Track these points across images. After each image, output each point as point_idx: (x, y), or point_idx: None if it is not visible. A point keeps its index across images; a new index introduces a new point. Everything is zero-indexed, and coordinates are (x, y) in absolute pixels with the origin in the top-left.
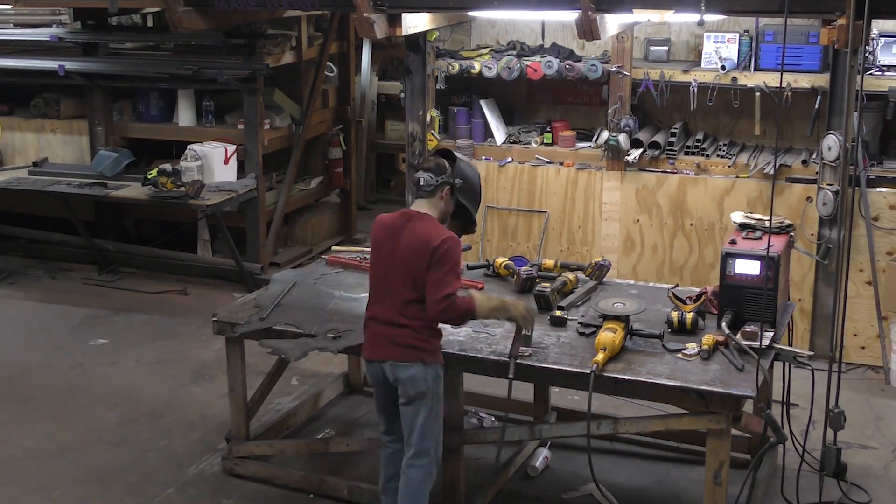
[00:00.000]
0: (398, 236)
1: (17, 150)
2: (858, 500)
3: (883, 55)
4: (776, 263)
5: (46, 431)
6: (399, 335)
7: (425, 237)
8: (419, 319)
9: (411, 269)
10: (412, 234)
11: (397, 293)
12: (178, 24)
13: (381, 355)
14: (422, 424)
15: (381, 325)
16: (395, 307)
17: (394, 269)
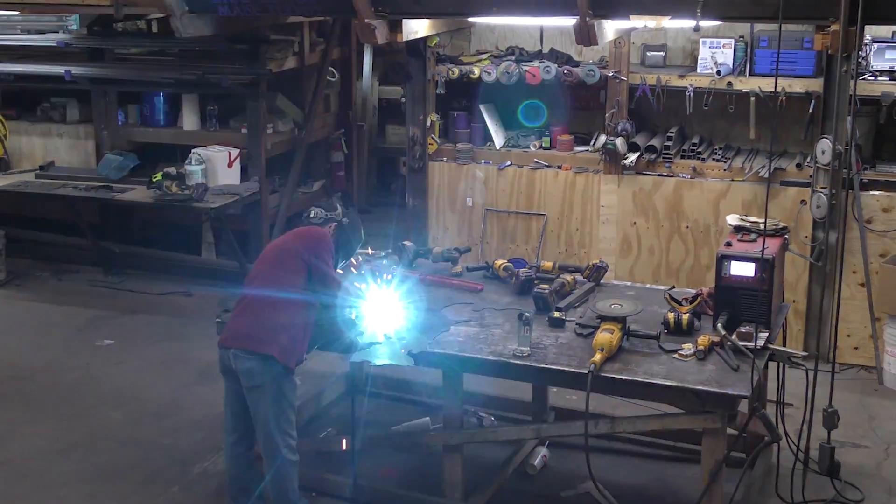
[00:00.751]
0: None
1: (24, 154)
2: (852, 498)
3: (876, 60)
4: (771, 265)
5: (53, 431)
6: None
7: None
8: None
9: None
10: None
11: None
12: (182, 31)
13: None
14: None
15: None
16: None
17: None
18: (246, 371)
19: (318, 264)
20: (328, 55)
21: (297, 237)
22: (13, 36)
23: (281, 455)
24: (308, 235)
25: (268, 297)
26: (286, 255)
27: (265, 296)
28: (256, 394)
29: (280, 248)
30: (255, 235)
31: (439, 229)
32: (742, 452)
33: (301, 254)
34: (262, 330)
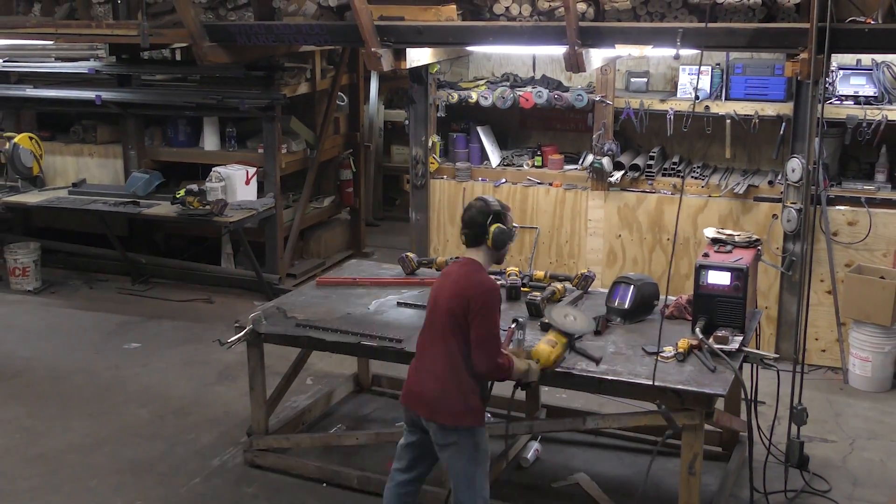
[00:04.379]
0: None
1: (58, 172)
2: (819, 488)
3: (841, 86)
4: (745, 274)
5: (85, 427)
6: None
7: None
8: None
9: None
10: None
11: (443, 343)
12: (203, 58)
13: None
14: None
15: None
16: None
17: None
18: (439, 432)
19: (473, 332)
20: (338, 81)
21: (454, 285)
22: (48, 64)
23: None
24: (468, 289)
25: (453, 368)
26: (455, 319)
27: (448, 364)
28: (450, 451)
29: (443, 298)
30: (270, 247)
31: (440, 241)
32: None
33: (461, 318)
34: (451, 400)
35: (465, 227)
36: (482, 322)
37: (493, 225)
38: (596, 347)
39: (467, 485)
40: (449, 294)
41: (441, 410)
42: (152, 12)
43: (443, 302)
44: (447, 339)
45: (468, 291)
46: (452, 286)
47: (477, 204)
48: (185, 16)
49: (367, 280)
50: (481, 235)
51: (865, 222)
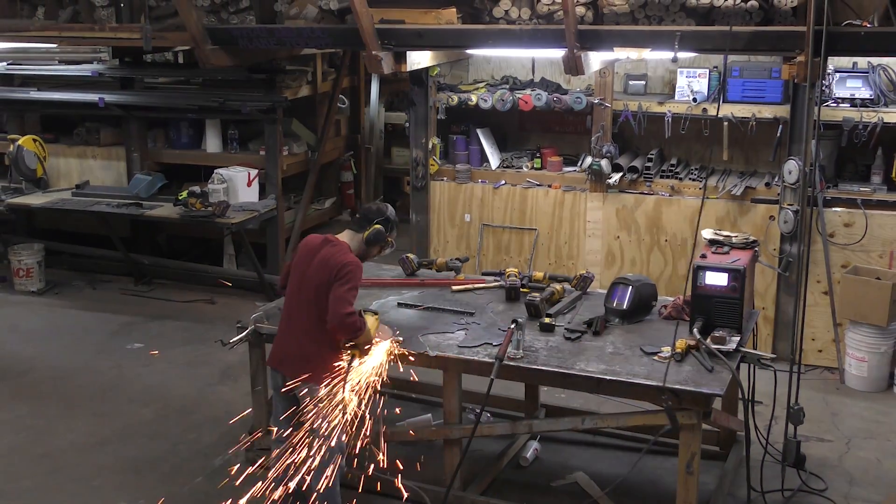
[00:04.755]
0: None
1: (61, 174)
2: (816, 487)
3: (838, 89)
4: (742, 275)
5: (88, 426)
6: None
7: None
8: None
9: (317, 286)
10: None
11: (306, 311)
12: (206, 61)
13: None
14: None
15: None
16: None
17: (304, 287)
18: (303, 389)
19: (333, 291)
20: (339, 84)
21: (324, 266)
22: (52, 67)
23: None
24: (333, 260)
25: (313, 329)
26: (319, 289)
27: (310, 326)
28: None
29: (310, 272)
30: (272, 248)
31: (440, 242)
32: (716, 446)
33: (326, 285)
34: (314, 361)
35: (358, 213)
36: (341, 285)
37: (376, 224)
38: (595, 348)
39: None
40: (318, 267)
41: (304, 369)
42: (155, 16)
43: (312, 273)
44: (311, 306)
45: (337, 263)
46: (323, 260)
47: (380, 204)
48: (188, 19)
49: (367, 281)
50: (365, 226)
51: (861, 224)
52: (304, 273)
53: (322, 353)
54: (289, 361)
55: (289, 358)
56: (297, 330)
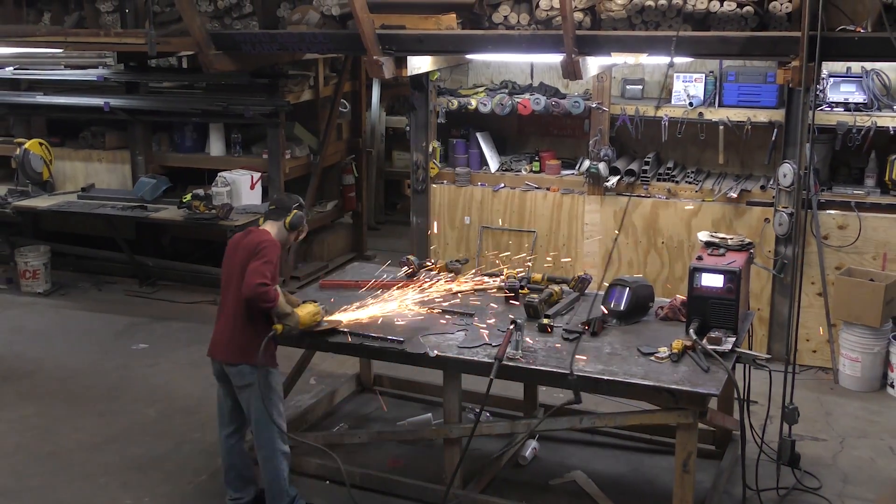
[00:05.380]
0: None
1: (67, 177)
2: (810, 486)
3: (832, 93)
4: (738, 277)
5: (94, 425)
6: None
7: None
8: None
9: (240, 271)
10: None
11: (234, 296)
12: (209, 66)
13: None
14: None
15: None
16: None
17: (231, 276)
18: (236, 374)
19: (252, 262)
20: (340, 88)
21: (249, 250)
22: (58, 71)
23: (274, 444)
24: (252, 242)
25: (238, 310)
26: (243, 268)
27: (236, 308)
28: (248, 391)
29: (235, 261)
30: None
31: (440, 244)
32: (712, 445)
33: (246, 262)
34: (240, 340)
35: (272, 204)
36: (255, 259)
37: (294, 209)
38: (593, 348)
39: (266, 423)
40: (242, 254)
41: (235, 351)
42: (159, 21)
43: (237, 260)
44: (237, 290)
45: (254, 242)
46: (245, 247)
47: (290, 194)
48: (192, 25)
49: (367, 282)
50: (283, 214)
51: (855, 226)
52: (230, 264)
53: (248, 334)
54: (221, 346)
55: (221, 343)
56: (227, 316)
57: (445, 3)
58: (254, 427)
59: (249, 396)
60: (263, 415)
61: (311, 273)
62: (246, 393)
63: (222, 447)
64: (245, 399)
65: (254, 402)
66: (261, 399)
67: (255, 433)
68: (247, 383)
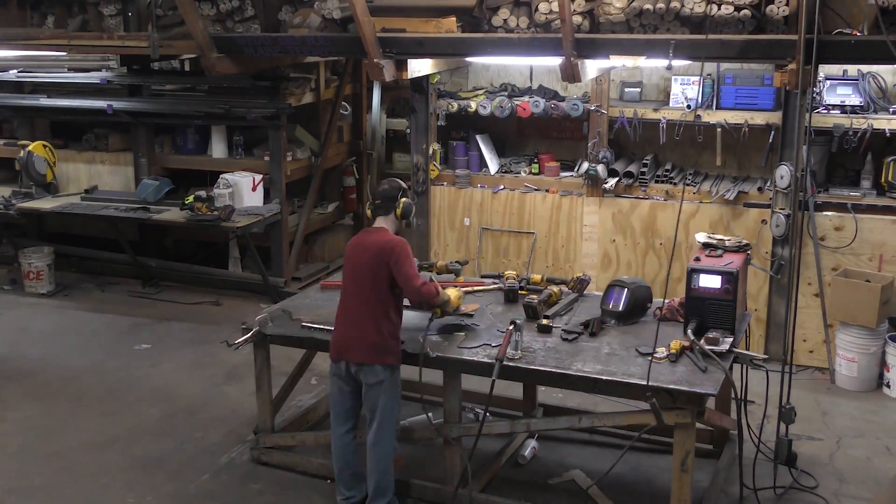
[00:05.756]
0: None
1: (70, 179)
2: (807, 485)
3: (828, 96)
4: (735, 278)
5: (97, 425)
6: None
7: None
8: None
9: (371, 272)
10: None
11: (365, 299)
12: (211, 69)
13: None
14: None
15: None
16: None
17: (358, 278)
18: (370, 373)
19: (399, 269)
20: (341, 91)
21: (378, 252)
22: (61, 74)
23: (392, 442)
24: (387, 247)
25: (371, 312)
26: (374, 270)
27: (368, 310)
28: (378, 389)
29: (363, 263)
30: (276, 251)
31: (441, 246)
32: (709, 444)
33: (384, 265)
34: (376, 340)
35: (378, 199)
36: (399, 264)
37: (402, 199)
38: (591, 349)
39: (390, 420)
40: (370, 255)
41: (370, 352)
42: (162, 24)
43: (365, 263)
44: (369, 293)
45: (385, 245)
46: (372, 248)
47: (391, 182)
48: (194, 28)
49: None
50: (392, 206)
51: (852, 227)
52: (356, 266)
53: (383, 335)
54: (355, 348)
55: (354, 345)
56: (357, 318)
57: (445, 7)
58: (376, 424)
59: (378, 394)
60: (390, 412)
61: (312, 274)
62: (374, 391)
63: (337, 445)
64: (372, 397)
65: (381, 399)
66: (389, 397)
67: (377, 430)
68: (378, 380)
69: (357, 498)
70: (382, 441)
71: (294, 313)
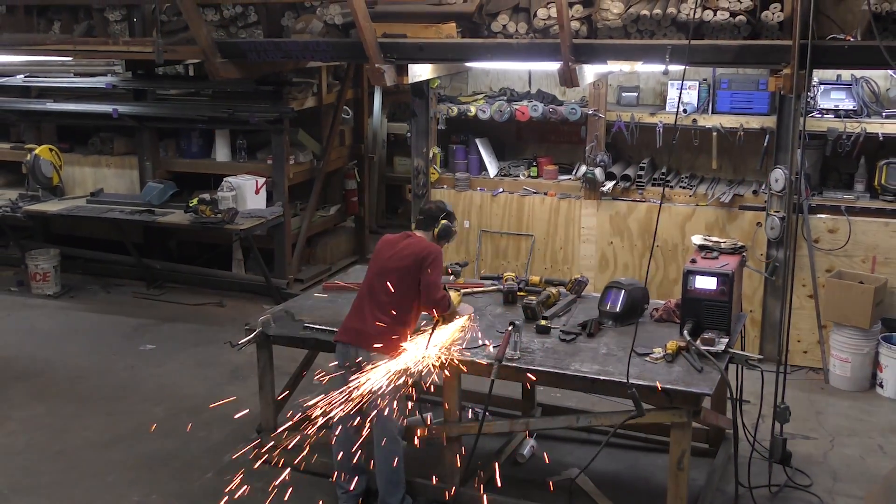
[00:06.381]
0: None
1: (76, 182)
2: (801, 483)
3: (822, 100)
4: (730, 279)
5: (102, 424)
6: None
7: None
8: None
9: (399, 270)
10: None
11: (386, 292)
12: (215, 74)
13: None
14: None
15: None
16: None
17: (385, 272)
18: (375, 360)
19: (427, 275)
20: (343, 95)
21: (416, 254)
22: (67, 79)
23: (396, 436)
24: (424, 252)
25: (394, 307)
26: (408, 270)
27: (391, 305)
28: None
29: (393, 260)
30: (279, 253)
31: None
32: (705, 443)
33: (417, 268)
34: (391, 334)
35: (422, 215)
36: (432, 271)
37: (443, 220)
38: (589, 349)
39: (393, 420)
40: (407, 255)
41: (382, 342)
42: (166, 30)
43: (394, 260)
44: (393, 287)
45: (424, 252)
46: (407, 249)
47: (438, 202)
48: (198, 33)
49: None
50: (432, 224)
51: (845, 230)
52: (385, 261)
53: (395, 329)
54: (365, 336)
55: (365, 333)
56: (374, 308)
57: (445, 13)
58: (378, 418)
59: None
60: (391, 411)
61: (314, 276)
62: None
63: (339, 437)
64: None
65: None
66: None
67: (379, 424)
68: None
69: (356, 491)
70: (385, 436)
71: (296, 314)
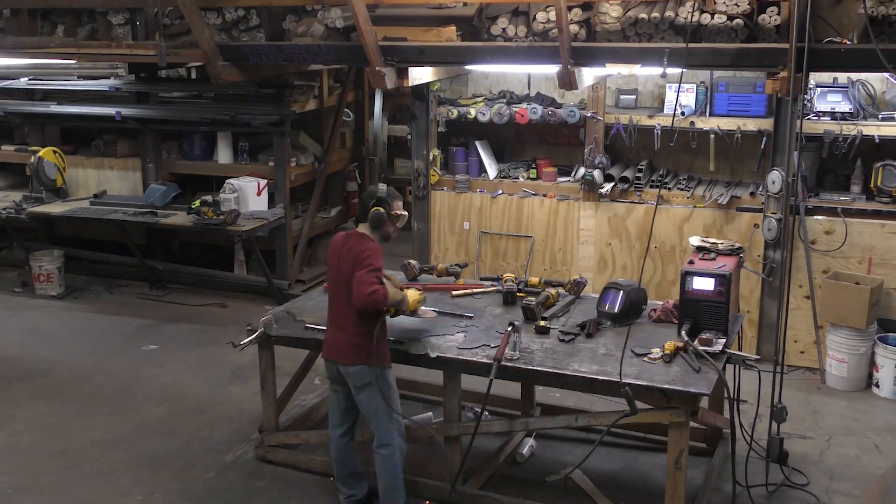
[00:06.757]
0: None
1: (80, 184)
2: (798, 482)
3: (819, 103)
4: (728, 280)
5: (105, 424)
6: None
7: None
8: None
9: (346, 277)
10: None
11: (344, 301)
12: (217, 77)
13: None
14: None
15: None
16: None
17: (339, 282)
18: (356, 374)
19: (354, 274)
20: (344, 98)
21: (349, 256)
22: (71, 82)
23: (394, 441)
24: (355, 251)
25: (351, 314)
26: (350, 281)
27: (348, 312)
28: (368, 391)
29: (342, 267)
30: (280, 254)
31: (440, 249)
32: (703, 443)
33: (351, 270)
34: (358, 341)
35: (361, 206)
36: (359, 269)
37: (373, 207)
38: (588, 349)
39: (387, 420)
40: (344, 262)
41: (353, 353)
42: (169, 33)
43: (343, 265)
44: (347, 296)
45: (356, 249)
46: (348, 251)
47: (370, 188)
48: (201, 37)
49: None
50: (363, 214)
51: (842, 231)
52: (334, 271)
53: (364, 336)
54: (339, 349)
55: (338, 346)
56: (340, 318)
57: (446, 16)
58: (375, 425)
59: (369, 396)
60: (385, 412)
61: (315, 277)
62: (365, 393)
63: (335, 446)
64: (364, 399)
65: (374, 400)
66: (381, 397)
67: (377, 431)
68: (366, 383)
69: (359, 496)
70: (384, 443)
71: (298, 315)
